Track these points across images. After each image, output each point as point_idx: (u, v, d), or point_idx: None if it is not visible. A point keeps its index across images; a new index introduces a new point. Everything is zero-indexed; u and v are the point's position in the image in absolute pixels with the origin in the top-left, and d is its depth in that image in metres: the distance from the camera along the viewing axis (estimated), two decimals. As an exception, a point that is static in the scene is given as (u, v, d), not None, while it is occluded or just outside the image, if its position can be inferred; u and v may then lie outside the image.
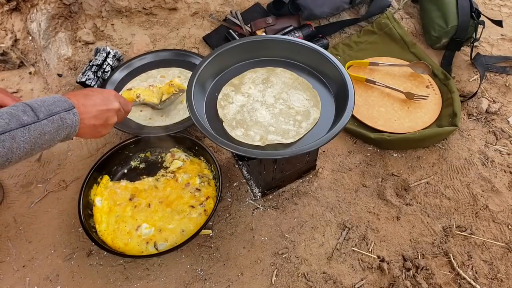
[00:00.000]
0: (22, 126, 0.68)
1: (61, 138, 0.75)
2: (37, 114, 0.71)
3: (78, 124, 0.77)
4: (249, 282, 0.97)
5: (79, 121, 0.77)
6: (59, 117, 0.73)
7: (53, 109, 0.73)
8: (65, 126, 0.74)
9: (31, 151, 0.71)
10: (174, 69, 1.40)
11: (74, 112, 0.76)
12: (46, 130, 0.71)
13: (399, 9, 1.60)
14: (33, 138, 0.70)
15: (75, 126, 0.77)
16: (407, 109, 1.30)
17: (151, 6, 1.54)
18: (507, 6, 1.77)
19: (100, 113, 0.82)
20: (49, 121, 0.72)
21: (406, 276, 0.98)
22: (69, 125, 0.75)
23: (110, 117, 0.85)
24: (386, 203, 1.12)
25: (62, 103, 0.75)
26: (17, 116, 0.69)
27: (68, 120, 0.75)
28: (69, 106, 0.76)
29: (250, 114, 0.92)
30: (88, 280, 0.97)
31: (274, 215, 1.09)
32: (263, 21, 1.50)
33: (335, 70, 0.93)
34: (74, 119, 0.76)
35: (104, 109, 0.83)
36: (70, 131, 0.76)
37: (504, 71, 1.47)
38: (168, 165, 1.15)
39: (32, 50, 1.45)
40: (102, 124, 0.83)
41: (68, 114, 0.75)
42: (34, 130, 0.70)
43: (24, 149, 0.69)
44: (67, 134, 0.76)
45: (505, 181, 1.17)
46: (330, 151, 1.23)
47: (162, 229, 1.00)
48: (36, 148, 0.72)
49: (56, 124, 0.73)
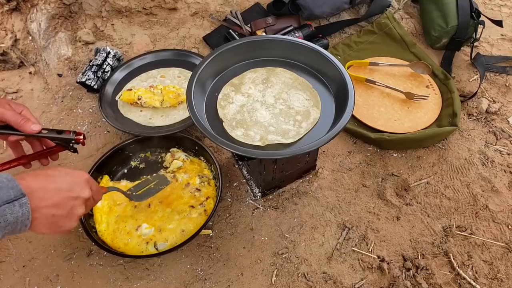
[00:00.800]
0: None
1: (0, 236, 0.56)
2: None
3: (28, 217, 0.58)
4: (249, 282, 0.97)
5: (30, 213, 0.58)
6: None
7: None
8: (3, 224, 0.55)
9: None
10: (174, 69, 1.40)
11: (22, 203, 0.56)
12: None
13: (399, 9, 1.60)
14: None
15: (23, 219, 0.57)
16: (407, 109, 1.30)
17: (151, 6, 1.54)
18: (507, 6, 1.77)
19: (63, 201, 0.64)
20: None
21: (406, 276, 0.98)
22: (10, 221, 0.55)
23: (76, 207, 0.67)
24: (386, 203, 1.12)
25: (4, 192, 0.55)
26: None
27: (10, 216, 0.55)
28: (14, 195, 0.56)
29: (250, 114, 0.92)
30: (88, 280, 0.97)
31: (274, 215, 1.09)
32: (263, 21, 1.50)
33: (335, 70, 0.93)
34: (20, 213, 0.56)
35: (70, 196, 0.65)
36: (15, 227, 0.57)
37: (504, 71, 1.47)
38: (168, 165, 1.14)
39: (32, 50, 1.45)
40: (65, 215, 0.65)
41: (10, 207, 0.55)
42: None
43: None
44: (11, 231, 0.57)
45: (505, 181, 1.17)
46: (330, 151, 1.23)
47: (162, 229, 1.00)
48: None
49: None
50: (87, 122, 1.31)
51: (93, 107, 1.35)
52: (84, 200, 0.69)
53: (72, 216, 0.67)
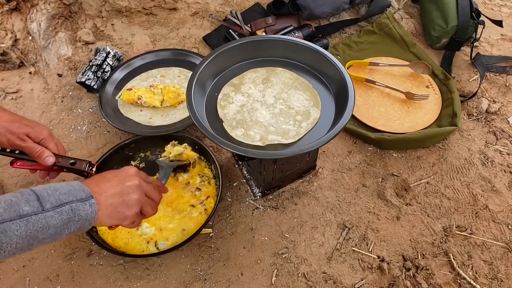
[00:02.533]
0: (20, 217, 0.58)
1: (70, 231, 0.64)
2: (43, 204, 0.61)
3: (94, 216, 0.66)
4: (249, 282, 0.97)
5: (96, 212, 0.67)
6: (70, 208, 0.63)
7: (64, 199, 0.63)
8: (77, 219, 0.64)
9: (27, 246, 0.60)
10: (174, 69, 1.40)
11: (91, 203, 0.66)
12: (51, 223, 0.61)
13: (399, 9, 1.61)
14: (31, 232, 0.59)
15: (90, 219, 0.66)
16: (407, 109, 1.30)
17: (151, 6, 1.54)
18: (507, 6, 1.77)
19: (116, 190, 0.72)
20: (57, 212, 0.61)
21: (406, 276, 0.98)
22: (82, 217, 0.65)
23: (130, 193, 0.74)
24: (386, 203, 1.12)
25: (78, 192, 0.65)
26: (16, 205, 0.58)
27: (82, 212, 0.64)
28: (85, 196, 0.66)
29: (250, 114, 0.92)
30: (88, 280, 0.97)
31: (274, 215, 1.09)
32: (263, 21, 1.50)
33: (335, 70, 0.93)
34: (89, 211, 0.65)
35: (120, 185, 0.73)
36: (83, 224, 0.65)
37: (504, 71, 1.47)
38: (168, 155, 1.13)
39: (32, 50, 1.45)
40: (122, 202, 0.72)
41: (83, 205, 0.65)
42: (34, 223, 0.59)
43: (16, 245, 0.58)
44: (79, 227, 0.65)
45: (505, 181, 1.17)
46: (330, 151, 1.23)
47: (163, 229, 1.00)
48: (35, 243, 0.60)
49: (65, 216, 0.62)
50: (87, 122, 1.31)
51: (93, 107, 1.35)
52: (135, 186, 0.75)
53: (129, 202, 0.73)
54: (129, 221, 0.75)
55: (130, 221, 0.75)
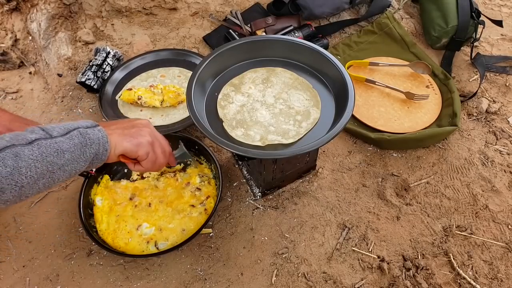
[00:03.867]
0: (29, 143, 0.58)
1: (88, 158, 0.64)
2: (49, 132, 0.61)
3: (107, 140, 0.67)
4: (249, 282, 0.97)
5: (107, 136, 0.67)
6: (78, 133, 0.63)
7: (69, 127, 0.64)
8: (89, 143, 0.64)
9: (50, 173, 0.60)
10: (174, 69, 1.40)
11: (99, 129, 0.67)
12: (64, 147, 0.61)
13: (399, 9, 1.60)
14: (46, 156, 0.58)
15: (103, 142, 0.66)
16: (407, 109, 1.30)
17: (151, 6, 1.54)
18: (507, 6, 1.77)
19: (127, 123, 0.75)
20: (66, 138, 0.62)
21: (406, 276, 0.98)
22: (94, 141, 0.65)
23: (141, 127, 0.75)
24: (386, 203, 1.12)
25: (82, 122, 0.67)
26: (22, 135, 0.59)
27: (92, 134, 0.65)
28: (91, 124, 0.67)
29: (250, 114, 0.92)
30: (88, 280, 0.97)
31: (274, 215, 1.09)
32: (263, 21, 1.50)
33: (335, 70, 0.93)
34: (99, 134, 0.66)
35: (131, 121, 0.77)
36: (98, 149, 0.65)
37: (504, 71, 1.47)
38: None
39: (32, 50, 1.45)
40: (134, 132, 0.74)
41: (92, 130, 0.66)
42: (47, 147, 0.59)
43: (36, 169, 0.58)
44: (95, 153, 0.65)
45: (505, 181, 1.17)
46: (330, 151, 1.23)
47: (163, 229, 1.00)
48: (56, 170, 0.60)
49: (76, 140, 0.62)
50: (87, 122, 1.31)
51: (93, 107, 1.35)
52: (145, 124, 0.77)
53: (140, 132, 0.74)
54: (145, 149, 0.74)
55: (145, 150, 0.75)
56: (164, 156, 0.82)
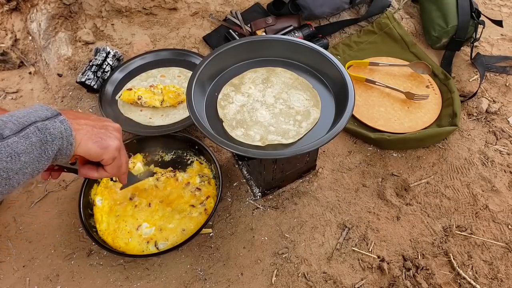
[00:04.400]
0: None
1: (51, 155, 0.57)
2: (1, 131, 0.53)
3: (71, 133, 0.59)
4: (249, 282, 0.97)
5: (71, 129, 0.59)
6: (36, 129, 0.55)
7: (24, 121, 0.55)
8: (50, 139, 0.56)
9: (6, 180, 0.52)
10: (174, 69, 1.40)
11: (61, 119, 0.58)
12: (19, 149, 0.53)
13: (399, 9, 1.60)
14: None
15: (67, 136, 0.59)
16: (407, 109, 1.30)
17: (151, 6, 1.54)
18: (507, 6, 1.77)
19: (96, 121, 0.67)
20: (21, 137, 0.53)
21: (406, 276, 0.98)
22: (55, 135, 0.57)
23: (109, 128, 0.68)
24: (386, 203, 1.12)
25: (40, 112, 0.58)
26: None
27: (53, 129, 0.57)
28: (51, 114, 0.58)
29: (250, 114, 0.92)
30: (88, 280, 0.97)
31: (274, 215, 1.09)
32: (263, 21, 1.50)
33: (335, 70, 0.93)
34: (62, 128, 0.58)
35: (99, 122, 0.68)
36: (61, 143, 0.58)
37: (504, 71, 1.47)
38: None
39: (32, 50, 1.45)
40: (103, 131, 0.66)
41: (52, 122, 0.57)
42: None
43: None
44: (58, 149, 0.58)
45: (505, 181, 1.17)
46: (330, 151, 1.23)
47: (163, 229, 1.00)
48: (12, 175, 0.53)
49: (34, 139, 0.54)
50: (87, 122, 1.31)
51: (93, 107, 1.35)
52: (115, 128, 0.69)
53: (107, 133, 0.67)
54: (111, 154, 0.67)
55: (111, 155, 0.67)
56: (126, 167, 0.76)
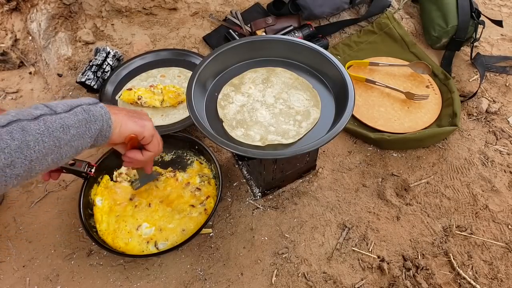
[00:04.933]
0: (35, 118, 0.58)
1: (93, 134, 0.65)
2: (53, 108, 0.62)
3: (109, 117, 0.68)
4: (249, 282, 0.97)
5: (110, 114, 0.68)
6: (82, 109, 0.64)
7: (73, 104, 0.64)
8: (93, 119, 0.65)
9: (57, 148, 0.60)
10: (174, 69, 1.40)
11: (101, 106, 0.68)
12: (70, 123, 0.61)
13: (399, 9, 1.60)
14: (52, 131, 0.59)
15: (106, 118, 0.67)
16: (407, 109, 1.30)
17: (151, 6, 1.54)
18: (507, 6, 1.77)
19: (132, 112, 0.76)
20: (71, 114, 0.62)
21: (406, 276, 0.98)
22: (97, 117, 0.66)
23: (144, 116, 0.77)
24: (386, 203, 1.12)
25: (85, 100, 0.67)
26: (27, 111, 0.59)
27: (95, 111, 0.66)
28: (93, 102, 0.68)
29: (250, 114, 0.92)
30: (88, 280, 0.97)
31: (274, 215, 1.09)
32: (263, 21, 1.50)
33: (335, 70, 0.93)
34: (102, 111, 0.67)
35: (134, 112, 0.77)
36: (102, 124, 0.66)
37: (504, 71, 1.47)
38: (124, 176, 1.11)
39: (32, 50, 1.45)
40: (137, 116, 0.75)
41: (94, 107, 0.66)
42: (52, 122, 0.59)
43: (44, 144, 0.58)
44: (100, 129, 0.66)
45: (505, 181, 1.17)
46: (330, 151, 1.23)
47: (163, 229, 1.00)
48: (63, 145, 0.60)
49: (80, 116, 0.63)
50: (87, 122, 1.31)
51: (93, 107, 1.35)
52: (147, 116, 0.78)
53: (141, 116, 0.77)
54: (150, 131, 0.77)
55: (150, 132, 0.77)
56: (161, 146, 0.84)
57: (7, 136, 0.55)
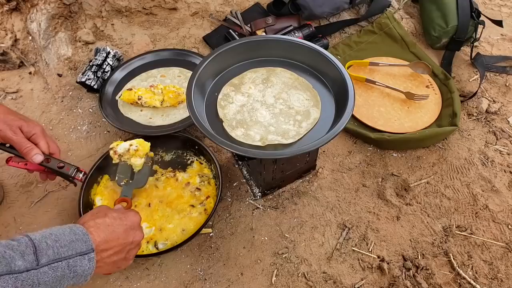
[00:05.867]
0: (9, 273, 0.54)
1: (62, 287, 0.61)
2: (39, 258, 0.57)
3: (91, 272, 0.63)
4: (249, 282, 0.97)
5: (94, 268, 0.64)
6: (66, 264, 0.59)
7: (63, 252, 0.60)
8: (71, 276, 0.60)
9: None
10: (174, 69, 1.40)
11: (91, 257, 0.63)
12: (43, 280, 0.57)
13: (399, 9, 1.60)
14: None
15: (87, 275, 0.63)
16: (407, 109, 1.30)
17: (151, 6, 1.54)
18: (507, 6, 1.77)
19: (122, 248, 0.71)
20: (52, 268, 0.58)
21: (406, 276, 0.98)
22: (78, 274, 0.61)
23: (132, 250, 0.74)
24: (386, 203, 1.12)
25: (79, 244, 0.62)
26: (10, 258, 0.55)
27: (79, 268, 0.61)
28: (86, 249, 0.62)
29: (250, 114, 0.92)
30: (88, 280, 0.97)
31: (274, 215, 1.09)
32: (263, 21, 1.50)
33: (335, 70, 0.93)
34: (87, 266, 0.62)
35: (127, 242, 0.72)
36: (78, 280, 0.62)
37: (504, 71, 1.47)
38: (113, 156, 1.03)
39: (32, 50, 1.45)
40: (123, 258, 0.72)
41: (81, 260, 0.61)
42: (24, 280, 0.55)
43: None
44: (72, 284, 0.62)
45: (505, 181, 1.17)
46: (330, 151, 1.23)
47: (163, 229, 1.00)
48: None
49: (59, 273, 0.59)
50: (87, 122, 1.31)
51: (93, 107, 1.35)
52: (138, 242, 0.76)
53: (128, 258, 0.74)
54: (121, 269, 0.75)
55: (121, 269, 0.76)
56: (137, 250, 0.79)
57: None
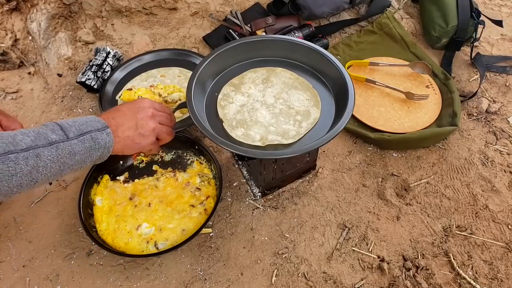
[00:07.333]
0: (50, 144, 0.66)
1: (93, 159, 0.73)
2: (67, 133, 0.69)
3: (112, 144, 0.75)
4: (249, 282, 0.97)
5: (113, 140, 0.75)
6: (90, 137, 0.71)
7: (84, 129, 0.71)
8: (97, 147, 0.72)
9: (60, 171, 0.68)
10: (174, 69, 1.40)
11: (108, 132, 0.74)
12: (77, 150, 0.69)
13: (399, 9, 1.60)
14: (61, 157, 0.66)
15: (109, 146, 0.74)
16: (407, 109, 1.30)
17: (151, 6, 1.54)
18: (507, 6, 1.77)
19: (132, 121, 0.79)
20: (80, 140, 0.69)
21: (406, 276, 0.98)
22: (101, 145, 0.73)
23: (144, 123, 0.80)
24: (386, 203, 1.12)
25: (95, 123, 0.73)
26: (44, 134, 0.66)
27: (101, 140, 0.72)
28: (102, 126, 0.74)
29: (250, 114, 0.92)
30: (88, 280, 0.97)
31: (274, 215, 1.09)
32: (263, 21, 1.50)
33: (335, 70, 0.93)
34: (107, 139, 0.74)
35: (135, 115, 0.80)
36: (103, 152, 0.74)
37: (504, 71, 1.47)
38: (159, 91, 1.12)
39: (32, 50, 1.45)
40: (138, 134, 0.79)
41: (101, 134, 0.73)
42: (63, 149, 0.67)
43: (51, 169, 0.66)
44: (100, 155, 0.74)
45: (505, 181, 1.17)
46: (330, 151, 1.23)
47: (163, 229, 1.00)
48: (65, 168, 0.68)
49: (87, 144, 0.70)
50: (87, 122, 1.31)
51: (93, 107, 1.35)
52: (149, 117, 0.81)
53: (144, 133, 0.80)
54: (147, 149, 0.82)
55: (147, 150, 0.83)
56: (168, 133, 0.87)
57: (23, 161, 0.62)
